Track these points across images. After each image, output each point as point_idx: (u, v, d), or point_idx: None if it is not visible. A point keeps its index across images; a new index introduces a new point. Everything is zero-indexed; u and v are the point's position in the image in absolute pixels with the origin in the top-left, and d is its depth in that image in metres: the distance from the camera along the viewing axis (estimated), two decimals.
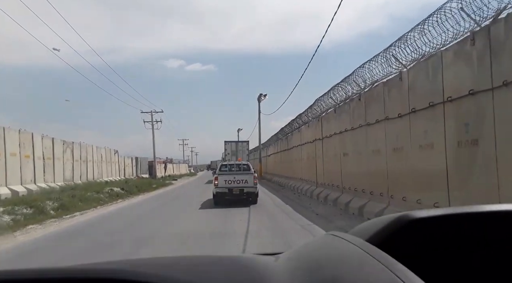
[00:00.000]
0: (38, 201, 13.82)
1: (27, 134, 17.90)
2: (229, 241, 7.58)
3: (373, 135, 10.27)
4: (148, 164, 49.40)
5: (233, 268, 1.11)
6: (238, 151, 32.95)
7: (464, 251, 1.04)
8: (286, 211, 12.46)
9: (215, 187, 14.22)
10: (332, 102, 14.35)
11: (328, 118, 15.50)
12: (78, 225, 10.75)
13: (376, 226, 1.08)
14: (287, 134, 26.82)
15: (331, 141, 14.71)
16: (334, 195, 13.59)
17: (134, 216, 12.65)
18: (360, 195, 11.14)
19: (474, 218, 1.06)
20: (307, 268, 0.97)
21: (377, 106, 9.88)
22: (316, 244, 1.29)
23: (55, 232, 9.62)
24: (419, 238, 1.03)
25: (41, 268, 0.82)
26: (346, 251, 1.01)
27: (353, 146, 11.97)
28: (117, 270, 0.85)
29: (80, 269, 0.88)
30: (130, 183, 25.57)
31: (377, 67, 9.37)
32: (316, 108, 16.92)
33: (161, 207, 15.57)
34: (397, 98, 8.72)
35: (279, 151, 30.28)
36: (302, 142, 20.64)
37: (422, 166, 7.60)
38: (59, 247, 7.86)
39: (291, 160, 24.05)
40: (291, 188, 21.84)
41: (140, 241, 7.68)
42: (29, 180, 17.86)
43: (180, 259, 1.30)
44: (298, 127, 22.26)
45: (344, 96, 13.16)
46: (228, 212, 12.24)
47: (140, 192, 23.24)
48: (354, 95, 11.96)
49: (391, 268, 0.78)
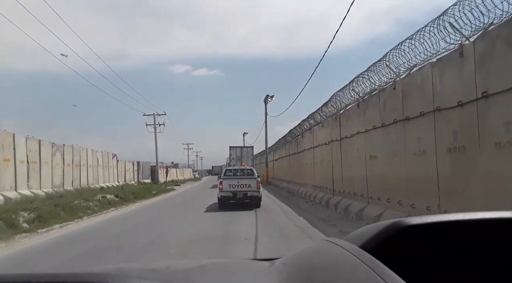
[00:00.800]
0: (10, 212, 11.80)
1: (7, 135, 15.92)
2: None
3: (415, 132, 8.12)
4: (151, 169, 47.44)
5: (226, 272, 1.18)
6: (243, 156, 33.36)
7: (457, 258, 1.04)
8: (301, 226, 10.30)
9: (220, 190, 14.64)
10: (354, 96, 12.22)
11: (348, 116, 13.35)
12: (43, 244, 8.67)
13: (370, 232, 1.08)
14: (297, 137, 24.73)
15: (352, 142, 12.54)
16: (358, 206, 11.41)
17: (120, 231, 10.56)
18: (394, 207, 8.96)
19: (467, 225, 1.06)
20: (300, 274, 1.02)
21: (422, 94, 7.74)
22: (311, 250, 1.32)
23: (9, 255, 7.54)
24: (412, 244, 1.03)
25: (29, 273, 0.77)
26: (339, 258, 1.03)
27: (384, 146, 9.81)
28: (102, 275, 0.81)
29: (66, 275, 0.81)
30: (127, 189, 23.52)
31: (425, 42, 7.21)
32: (333, 105, 14.81)
33: (155, 220, 13.44)
34: (456, 81, 6.57)
35: (288, 154, 28.15)
36: (315, 144, 18.49)
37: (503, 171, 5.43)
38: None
39: (302, 164, 21.90)
40: (303, 195, 19.65)
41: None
42: (9, 186, 15.87)
43: (173, 264, 1.43)
44: (310, 128, 20.17)
45: (369, 88, 11.05)
46: (234, 223, 10.38)
47: (137, 199, 21.20)
48: (386, 84, 9.84)
49: (381, 274, 0.80)
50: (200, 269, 1.23)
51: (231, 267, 1.28)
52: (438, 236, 1.05)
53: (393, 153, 9.20)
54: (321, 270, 1.00)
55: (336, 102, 14.23)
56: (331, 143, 15.19)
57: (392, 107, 9.35)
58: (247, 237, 8.34)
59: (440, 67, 7.12)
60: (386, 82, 9.78)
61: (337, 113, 14.52)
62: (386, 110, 9.73)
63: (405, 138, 8.64)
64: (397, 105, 8.97)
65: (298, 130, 23.21)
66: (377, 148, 10.37)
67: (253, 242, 7.89)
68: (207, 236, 8.89)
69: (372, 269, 0.83)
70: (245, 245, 7.61)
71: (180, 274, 1.14)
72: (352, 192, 12.46)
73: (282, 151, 31.65)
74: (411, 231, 1.02)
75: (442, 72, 7.06)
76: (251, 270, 1.18)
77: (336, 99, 14.14)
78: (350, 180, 12.84)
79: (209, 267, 1.26)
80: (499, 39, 5.68)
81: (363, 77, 11.15)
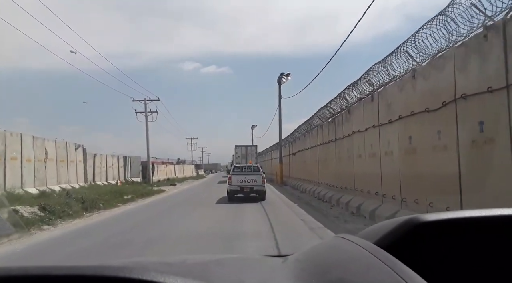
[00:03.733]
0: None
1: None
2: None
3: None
4: (142, 165, 39.82)
5: (241, 268, 1.17)
6: (248, 154, 35.06)
7: (472, 255, 1.01)
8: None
9: (229, 185, 16.26)
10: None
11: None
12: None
13: (385, 229, 1.07)
14: (328, 120, 16.90)
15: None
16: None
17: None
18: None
19: (484, 221, 1.04)
20: (314, 270, 0.99)
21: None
22: (324, 246, 1.30)
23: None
24: (427, 241, 1.02)
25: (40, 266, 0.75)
26: (353, 254, 1.00)
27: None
28: (119, 268, 0.76)
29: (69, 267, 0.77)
30: (81, 194, 15.80)
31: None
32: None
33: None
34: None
35: (313, 145, 20.22)
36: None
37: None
38: None
39: (344, 157, 13.96)
40: (353, 209, 11.78)
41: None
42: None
43: (188, 258, 1.38)
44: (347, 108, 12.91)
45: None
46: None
47: (87, 210, 13.50)
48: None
49: (398, 271, 0.78)
50: (216, 263, 1.25)
51: (246, 262, 1.32)
52: (455, 233, 1.03)
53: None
54: (336, 266, 0.99)
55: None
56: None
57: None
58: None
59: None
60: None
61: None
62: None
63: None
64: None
65: (337, 105, 15.12)
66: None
67: None
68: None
69: (388, 266, 0.81)
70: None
71: (196, 268, 1.16)
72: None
73: (303, 142, 23.63)
74: (427, 227, 1.01)
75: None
76: (266, 265, 1.20)
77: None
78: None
79: (224, 262, 1.29)
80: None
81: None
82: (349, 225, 9.61)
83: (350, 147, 13.16)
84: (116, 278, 0.71)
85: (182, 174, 54.97)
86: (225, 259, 1.38)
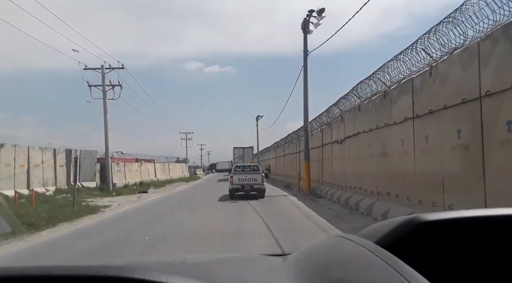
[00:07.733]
0: None
1: None
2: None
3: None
4: (100, 164, 28.93)
5: (241, 268, 1.18)
6: (245, 155, 41.03)
7: (473, 254, 1.01)
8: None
9: (231, 183, 17.31)
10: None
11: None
12: None
13: (385, 228, 1.06)
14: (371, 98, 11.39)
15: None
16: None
17: None
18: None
19: (485, 221, 1.04)
20: (315, 269, 0.99)
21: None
22: (324, 246, 1.27)
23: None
24: (428, 240, 1.01)
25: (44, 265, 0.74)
26: (354, 253, 1.00)
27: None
28: (122, 268, 0.76)
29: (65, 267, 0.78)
30: None
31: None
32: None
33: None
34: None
35: (368, 129, 10.94)
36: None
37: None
38: None
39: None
40: None
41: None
42: None
43: (189, 257, 1.43)
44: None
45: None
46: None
47: None
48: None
49: (399, 270, 0.77)
50: (217, 263, 1.25)
51: (246, 261, 1.31)
52: (455, 232, 1.02)
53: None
54: (336, 266, 0.98)
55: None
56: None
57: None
58: None
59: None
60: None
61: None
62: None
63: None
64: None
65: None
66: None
67: None
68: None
69: (389, 265, 0.80)
70: None
71: (197, 267, 1.16)
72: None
73: (338, 128, 14.52)
74: (428, 226, 1.00)
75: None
76: (266, 264, 1.20)
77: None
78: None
79: (225, 261, 1.29)
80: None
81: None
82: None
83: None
84: (119, 278, 0.71)
85: (168, 175, 43.69)
86: (226, 258, 1.42)
